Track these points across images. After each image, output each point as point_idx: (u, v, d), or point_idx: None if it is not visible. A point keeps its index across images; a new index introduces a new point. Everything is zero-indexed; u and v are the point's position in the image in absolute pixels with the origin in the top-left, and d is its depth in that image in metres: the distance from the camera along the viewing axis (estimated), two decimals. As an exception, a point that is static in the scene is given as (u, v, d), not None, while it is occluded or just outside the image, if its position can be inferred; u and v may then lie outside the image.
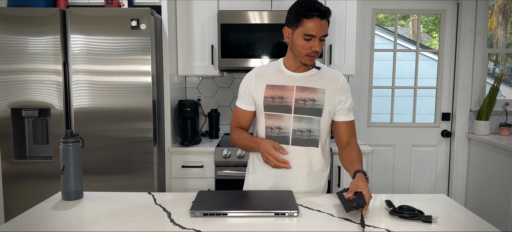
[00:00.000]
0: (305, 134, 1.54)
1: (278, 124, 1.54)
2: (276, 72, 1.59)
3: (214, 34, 2.65)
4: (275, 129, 1.55)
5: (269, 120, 1.55)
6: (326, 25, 1.46)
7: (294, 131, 1.54)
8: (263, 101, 1.55)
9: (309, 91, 1.53)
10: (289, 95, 1.53)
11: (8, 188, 2.31)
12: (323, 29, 1.45)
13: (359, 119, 3.23)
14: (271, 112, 1.55)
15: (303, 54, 1.48)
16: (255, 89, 1.57)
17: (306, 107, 1.52)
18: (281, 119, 1.54)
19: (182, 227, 1.18)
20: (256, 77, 1.58)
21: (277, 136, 1.55)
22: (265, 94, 1.55)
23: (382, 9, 3.19)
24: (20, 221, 1.23)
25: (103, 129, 2.29)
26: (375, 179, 3.30)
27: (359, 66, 3.17)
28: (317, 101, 1.53)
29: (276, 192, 1.50)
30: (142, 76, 2.26)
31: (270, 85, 1.55)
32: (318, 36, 1.44)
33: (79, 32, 2.23)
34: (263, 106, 1.55)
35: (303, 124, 1.53)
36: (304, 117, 1.53)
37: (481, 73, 3.15)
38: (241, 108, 1.62)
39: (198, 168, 2.49)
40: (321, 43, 1.47)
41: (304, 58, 1.49)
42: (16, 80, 2.26)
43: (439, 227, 1.20)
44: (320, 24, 1.43)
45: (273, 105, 1.54)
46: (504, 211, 2.71)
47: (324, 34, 1.45)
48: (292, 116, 1.53)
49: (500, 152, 2.77)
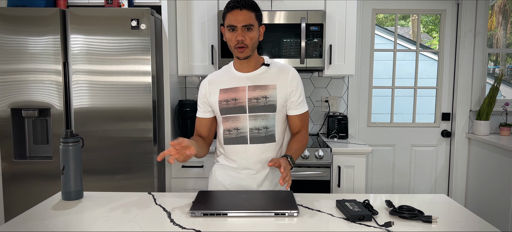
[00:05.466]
0: (262, 131, 1.57)
1: (235, 125, 1.58)
2: (227, 75, 1.63)
3: (214, 34, 2.65)
4: (233, 130, 1.58)
5: (226, 122, 1.59)
6: (248, 15, 1.50)
7: (251, 130, 1.57)
8: (218, 105, 1.59)
9: (260, 89, 1.57)
10: (242, 95, 1.57)
11: (8, 188, 2.31)
12: (244, 19, 1.49)
13: (359, 119, 3.23)
14: (227, 115, 1.58)
15: (232, 47, 1.54)
16: (210, 96, 1.62)
17: (259, 104, 1.56)
18: (238, 120, 1.57)
19: (182, 227, 1.18)
20: (209, 84, 1.64)
21: (236, 137, 1.58)
22: (219, 98, 1.59)
23: (382, 9, 3.19)
24: (20, 221, 1.23)
25: (103, 129, 2.29)
26: (375, 179, 3.30)
27: (359, 66, 3.17)
28: (270, 97, 1.56)
29: (276, 192, 1.50)
30: (142, 76, 2.26)
31: (223, 89, 1.60)
32: (239, 26, 1.49)
33: (79, 32, 2.23)
34: (219, 110, 1.59)
35: (258, 122, 1.56)
36: (259, 115, 1.56)
37: (481, 73, 3.15)
38: (198, 117, 1.68)
39: (198, 168, 2.49)
40: (248, 33, 1.51)
41: (235, 52, 1.55)
42: (16, 80, 2.26)
43: (439, 227, 1.20)
44: (239, 13, 1.49)
45: (228, 108, 1.58)
46: (504, 211, 2.71)
47: (245, 23, 1.49)
48: (247, 115, 1.57)
49: (500, 152, 2.77)
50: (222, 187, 1.65)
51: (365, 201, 1.33)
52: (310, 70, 2.70)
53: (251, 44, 1.53)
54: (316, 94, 3.11)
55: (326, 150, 2.45)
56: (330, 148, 2.47)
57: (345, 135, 2.80)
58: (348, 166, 2.48)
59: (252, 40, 1.53)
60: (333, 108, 3.09)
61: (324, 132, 3.10)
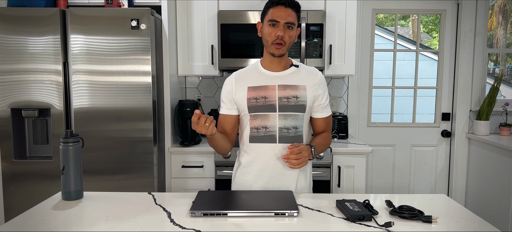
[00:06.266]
0: (292, 131, 1.56)
1: (264, 123, 1.56)
2: (256, 73, 1.61)
3: (214, 34, 2.65)
4: (262, 129, 1.56)
5: (254, 121, 1.57)
6: (292, 14, 1.50)
7: (280, 129, 1.55)
8: (246, 103, 1.56)
9: (291, 88, 1.56)
10: (272, 94, 1.55)
11: (8, 188, 2.31)
12: (288, 16, 1.49)
13: (359, 119, 3.23)
14: (256, 113, 1.56)
15: (269, 42, 1.52)
16: (236, 93, 1.59)
17: (290, 104, 1.55)
18: (267, 118, 1.55)
19: (182, 227, 1.18)
20: (236, 81, 1.60)
21: (264, 136, 1.56)
22: (247, 96, 1.56)
23: (382, 9, 3.19)
24: (20, 221, 1.23)
25: (103, 129, 2.29)
26: (375, 179, 3.30)
27: (359, 66, 3.17)
28: (300, 98, 1.55)
29: (276, 192, 1.50)
30: (142, 76, 2.26)
31: (252, 86, 1.57)
32: (281, 22, 1.49)
33: (79, 32, 2.23)
34: (247, 108, 1.56)
35: (288, 121, 1.55)
36: (289, 114, 1.55)
37: (481, 73, 3.15)
38: (222, 114, 1.64)
39: (198, 168, 2.49)
40: (288, 31, 1.51)
41: (271, 47, 1.52)
42: (16, 80, 2.26)
43: (439, 227, 1.20)
44: (284, 10, 1.49)
45: (257, 106, 1.55)
46: (504, 211, 2.71)
47: (288, 21, 1.49)
48: (277, 114, 1.55)
49: (500, 152, 2.77)
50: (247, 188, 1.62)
51: (365, 201, 1.33)
52: (310, 70, 2.70)
53: (288, 43, 1.52)
54: (316, 94, 3.10)
55: (326, 150, 2.45)
56: (330, 148, 2.47)
57: (345, 135, 2.80)
58: (348, 166, 2.49)
59: (291, 39, 1.52)
60: (333, 108, 3.09)
61: (324, 132, 3.10)
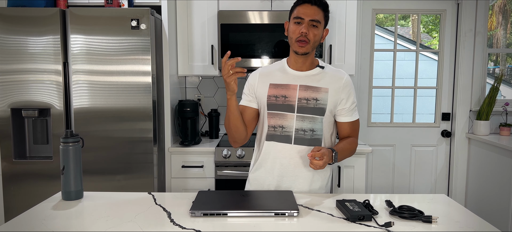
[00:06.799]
0: (308, 133, 1.54)
1: (281, 123, 1.54)
2: (280, 71, 1.60)
3: (214, 34, 2.65)
4: (278, 128, 1.55)
5: (272, 119, 1.55)
6: (317, 12, 1.49)
7: (296, 130, 1.53)
8: (266, 99, 1.56)
9: (312, 90, 1.54)
10: (292, 94, 1.54)
11: (8, 188, 2.31)
12: (313, 13, 1.48)
13: (359, 119, 3.22)
14: (274, 111, 1.55)
15: (293, 39, 1.51)
16: (258, 88, 1.58)
17: (309, 106, 1.53)
18: (284, 118, 1.54)
19: (182, 227, 1.18)
20: (260, 76, 1.60)
21: (280, 135, 1.55)
22: (268, 93, 1.55)
23: (382, 9, 3.19)
24: (20, 221, 1.23)
25: (103, 129, 2.29)
26: (375, 179, 3.30)
27: (359, 66, 3.17)
28: (320, 100, 1.53)
29: (276, 192, 1.50)
30: (142, 76, 2.26)
31: (274, 84, 1.56)
32: (306, 19, 1.48)
33: (79, 32, 2.23)
34: (266, 104, 1.56)
35: (306, 124, 1.53)
36: (307, 116, 1.53)
37: (481, 73, 3.15)
38: (242, 105, 1.63)
39: (198, 168, 2.49)
40: (313, 29, 1.49)
41: (294, 45, 1.51)
42: (16, 80, 2.26)
43: (439, 227, 1.20)
44: (309, 8, 1.48)
45: (276, 104, 1.54)
46: (504, 211, 2.71)
47: (314, 18, 1.48)
48: (295, 115, 1.53)
49: (500, 152, 2.77)
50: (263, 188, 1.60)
51: (365, 201, 1.33)
52: (310, 70, 2.70)
53: (313, 41, 1.50)
54: (316, 94, 3.10)
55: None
56: (330, 148, 2.47)
57: (345, 135, 2.79)
58: (348, 166, 2.49)
59: (315, 37, 1.50)
60: (333, 108, 3.08)
61: (324, 132, 3.09)
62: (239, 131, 1.56)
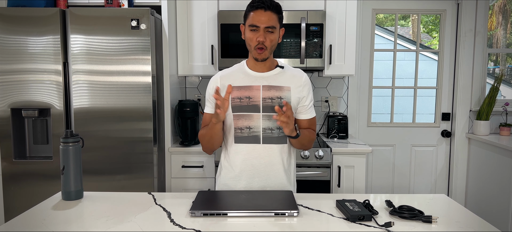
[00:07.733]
0: (276, 131, 1.56)
1: (247, 124, 1.56)
2: (241, 73, 1.61)
3: (214, 34, 2.65)
4: (245, 129, 1.56)
5: (238, 121, 1.56)
6: (271, 17, 1.49)
7: (264, 130, 1.55)
8: (231, 102, 1.56)
9: (275, 89, 1.56)
10: (256, 94, 1.55)
11: (8, 188, 2.31)
12: (268, 20, 1.49)
13: (359, 119, 3.22)
14: (239, 113, 1.56)
15: (252, 47, 1.53)
16: (221, 92, 1.58)
17: (274, 104, 1.55)
18: (251, 118, 1.55)
19: (182, 227, 1.18)
20: (221, 80, 1.61)
21: (248, 136, 1.56)
22: (232, 95, 1.56)
23: (382, 9, 3.19)
24: (20, 221, 1.23)
25: (103, 129, 2.29)
26: (375, 179, 3.30)
27: (359, 66, 3.17)
28: (284, 99, 1.55)
29: (276, 192, 1.50)
30: (142, 76, 2.26)
31: (236, 86, 1.57)
32: (261, 26, 1.49)
33: (79, 32, 2.23)
34: (231, 107, 1.56)
35: (272, 122, 1.55)
36: (273, 115, 1.53)
37: (481, 73, 3.15)
38: (207, 113, 1.63)
39: (198, 168, 2.49)
40: (270, 35, 1.51)
41: (254, 52, 1.53)
42: (16, 80, 2.26)
43: (439, 227, 1.20)
44: (263, 14, 1.48)
45: (241, 106, 1.55)
46: (504, 211, 2.71)
47: (269, 25, 1.49)
48: (261, 115, 1.55)
49: (500, 152, 2.77)
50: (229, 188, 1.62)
51: (365, 201, 1.33)
52: (310, 70, 2.70)
53: (270, 46, 1.52)
54: (316, 94, 3.10)
55: (326, 150, 2.45)
56: (330, 148, 2.47)
57: (345, 135, 2.80)
58: (348, 166, 2.48)
59: (272, 43, 1.52)
60: (333, 108, 3.09)
61: (324, 132, 3.10)
62: (219, 141, 1.60)
